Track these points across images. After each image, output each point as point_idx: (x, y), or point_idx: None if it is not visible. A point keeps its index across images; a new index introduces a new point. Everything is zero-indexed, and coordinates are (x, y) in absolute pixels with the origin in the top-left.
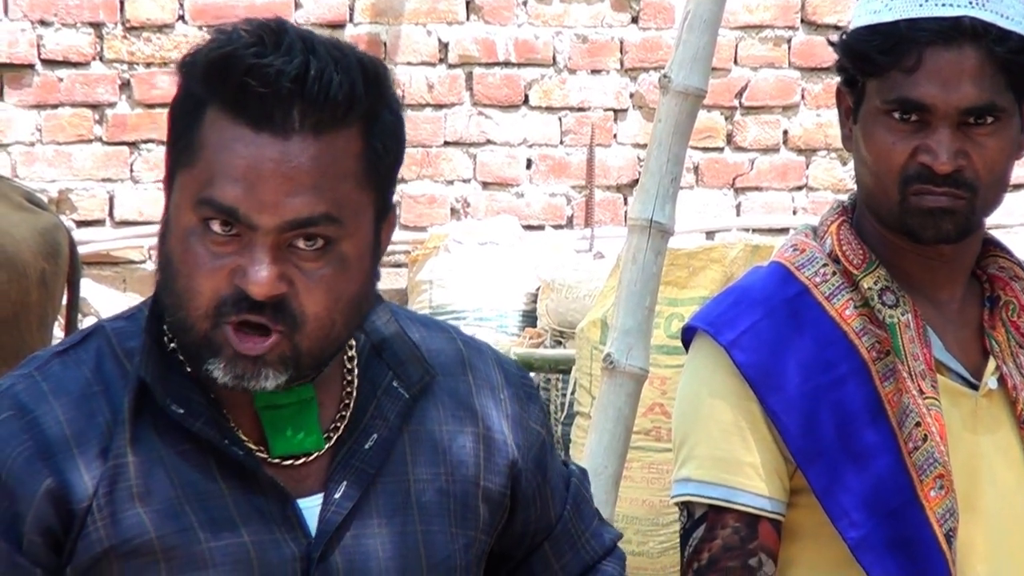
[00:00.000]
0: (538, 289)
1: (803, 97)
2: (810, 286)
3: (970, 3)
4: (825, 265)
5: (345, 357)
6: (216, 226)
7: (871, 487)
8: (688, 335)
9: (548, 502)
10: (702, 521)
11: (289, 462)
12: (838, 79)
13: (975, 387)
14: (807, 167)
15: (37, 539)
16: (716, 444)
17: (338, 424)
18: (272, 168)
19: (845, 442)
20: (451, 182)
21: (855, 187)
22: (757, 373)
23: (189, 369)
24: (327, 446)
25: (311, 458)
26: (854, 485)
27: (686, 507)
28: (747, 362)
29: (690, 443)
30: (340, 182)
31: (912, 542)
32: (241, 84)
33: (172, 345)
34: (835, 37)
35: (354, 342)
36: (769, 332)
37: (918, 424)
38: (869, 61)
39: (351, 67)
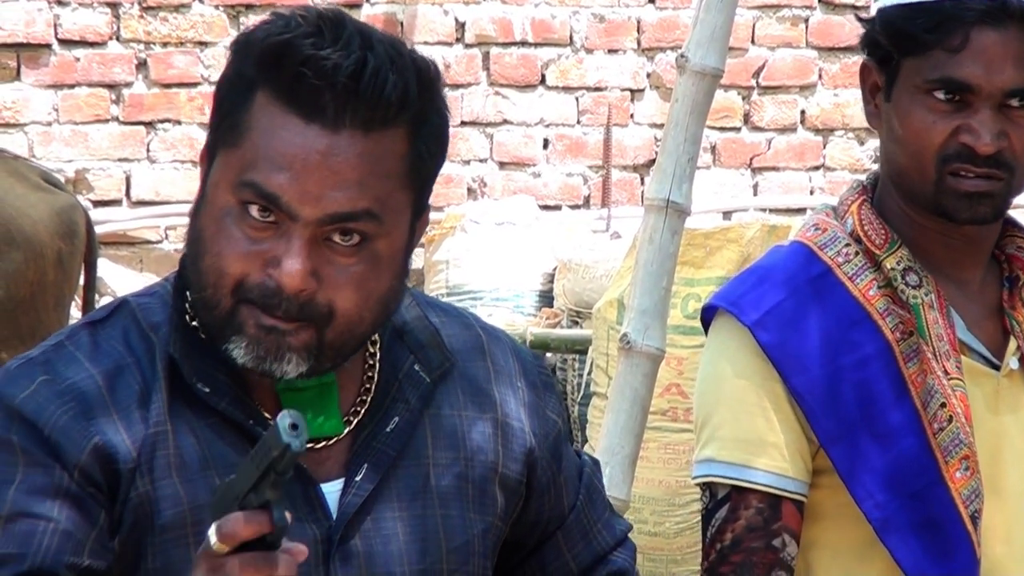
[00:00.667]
0: (555, 269)
1: (820, 77)
2: (833, 266)
3: None
4: (847, 245)
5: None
6: (255, 211)
7: (895, 468)
8: (708, 315)
9: (562, 491)
10: (725, 501)
11: (309, 445)
12: (857, 57)
13: (996, 367)
14: (824, 147)
15: (91, 489)
16: (739, 424)
17: (358, 408)
18: (319, 160)
19: (869, 423)
20: (468, 162)
21: (873, 167)
22: (781, 353)
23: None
24: (347, 430)
25: (331, 442)
26: (878, 466)
27: (708, 487)
28: (771, 342)
29: (713, 423)
30: (383, 180)
31: (937, 523)
32: (297, 74)
33: (195, 323)
34: (865, 14)
35: None
36: (793, 312)
37: (943, 405)
38: (912, 39)
39: (406, 68)
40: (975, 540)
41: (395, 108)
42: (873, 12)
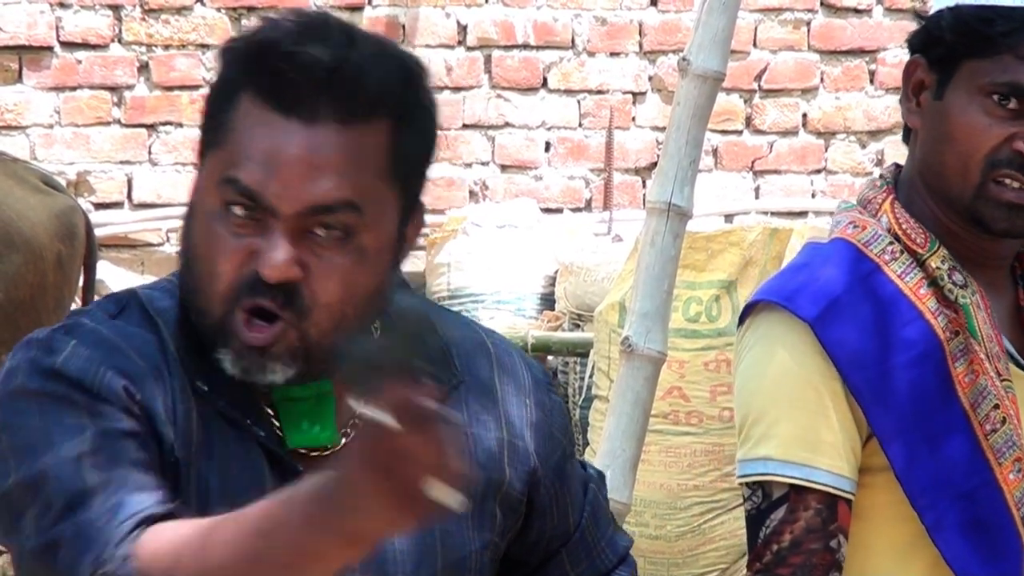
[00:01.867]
0: (556, 272)
1: (822, 80)
2: (881, 263)
3: None
4: (890, 243)
5: None
6: (237, 210)
7: (945, 468)
8: (749, 311)
9: (566, 511)
10: (783, 501)
11: (305, 451)
12: (859, 60)
13: (1021, 367)
14: (826, 150)
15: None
16: (798, 422)
17: (358, 420)
18: (296, 154)
19: (921, 422)
20: (469, 165)
21: (874, 170)
22: (842, 351)
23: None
24: (343, 442)
25: (326, 453)
26: (929, 465)
27: (761, 486)
28: (832, 339)
29: (767, 421)
30: (363, 172)
31: (987, 525)
32: (276, 70)
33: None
34: (929, 12)
35: None
36: (849, 309)
37: (996, 406)
38: (985, 40)
39: (388, 63)
40: None
41: (374, 101)
42: (934, 10)
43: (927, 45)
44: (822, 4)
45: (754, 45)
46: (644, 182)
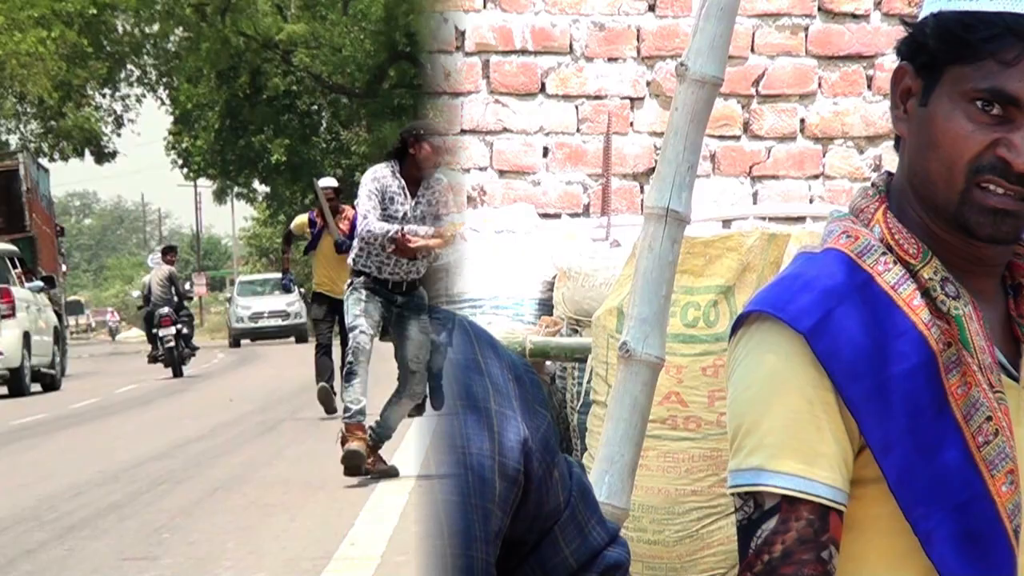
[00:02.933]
0: (554, 277)
1: (820, 85)
2: (874, 274)
3: None
4: (884, 254)
5: None
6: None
7: (938, 480)
8: (741, 321)
9: (557, 485)
10: (774, 512)
11: None
12: (856, 66)
13: (1014, 378)
14: (824, 155)
15: None
16: (791, 433)
17: None
18: None
19: (915, 434)
20: (468, 170)
21: (872, 175)
22: (836, 362)
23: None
24: None
25: None
26: (924, 477)
27: (753, 497)
28: (827, 350)
29: (760, 431)
30: None
31: (979, 537)
32: None
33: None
34: (912, 18)
35: None
36: (844, 320)
37: (989, 418)
38: (967, 46)
39: None
40: (1017, 554)
41: None
42: (921, 17)
43: (913, 52)
44: (820, 9)
45: (752, 50)
46: (642, 187)
